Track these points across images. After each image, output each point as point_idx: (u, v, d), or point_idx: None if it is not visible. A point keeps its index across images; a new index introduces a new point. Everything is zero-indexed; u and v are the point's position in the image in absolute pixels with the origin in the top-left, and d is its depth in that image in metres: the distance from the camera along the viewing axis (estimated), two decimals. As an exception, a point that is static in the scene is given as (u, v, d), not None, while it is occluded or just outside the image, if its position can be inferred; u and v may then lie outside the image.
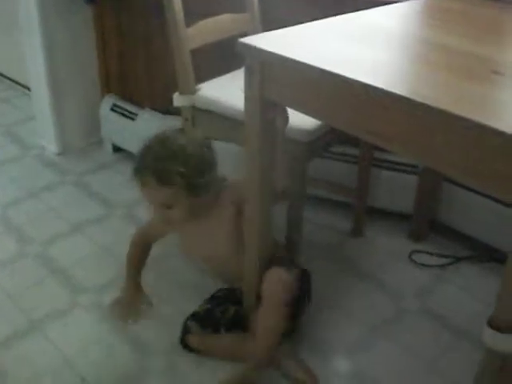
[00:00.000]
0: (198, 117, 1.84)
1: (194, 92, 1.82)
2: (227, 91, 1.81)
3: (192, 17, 1.82)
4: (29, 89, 3.13)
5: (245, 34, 1.95)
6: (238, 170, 1.58)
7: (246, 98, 1.35)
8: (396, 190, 2.11)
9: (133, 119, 2.51)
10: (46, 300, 1.84)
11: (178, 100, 1.84)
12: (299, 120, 1.50)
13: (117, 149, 2.68)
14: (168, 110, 2.35)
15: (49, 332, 1.71)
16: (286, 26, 1.39)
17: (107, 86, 2.70)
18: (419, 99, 0.99)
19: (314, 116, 1.35)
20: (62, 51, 2.54)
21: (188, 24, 1.80)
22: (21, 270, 1.97)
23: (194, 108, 1.83)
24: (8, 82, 3.55)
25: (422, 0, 1.71)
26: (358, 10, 1.54)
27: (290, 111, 1.37)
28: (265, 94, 1.31)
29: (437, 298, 1.86)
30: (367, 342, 1.70)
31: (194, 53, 1.83)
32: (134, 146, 2.52)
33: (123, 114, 2.55)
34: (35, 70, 2.60)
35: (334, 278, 1.94)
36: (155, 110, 2.48)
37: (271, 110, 1.36)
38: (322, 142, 1.71)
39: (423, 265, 2.00)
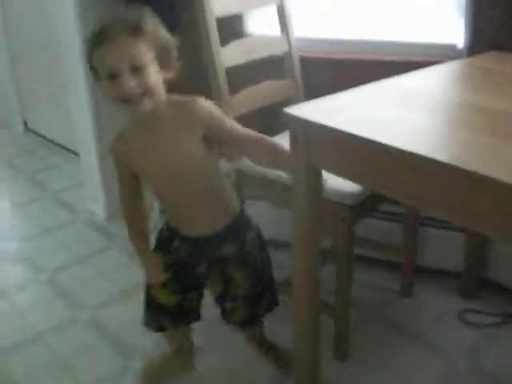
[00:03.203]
0: (244, 180, 1.88)
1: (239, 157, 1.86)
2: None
3: (235, 84, 1.88)
4: (78, 154, 3.24)
5: (287, 100, 2.03)
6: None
7: (293, 167, 1.38)
8: (444, 248, 2.10)
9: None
10: (97, 365, 1.86)
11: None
12: (345, 183, 1.51)
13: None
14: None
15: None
16: (326, 92, 1.43)
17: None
18: (462, 165, 0.99)
19: (357, 182, 1.37)
20: (110, 117, 2.62)
21: (231, 91, 1.86)
22: (72, 335, 2.01)
23: (239, 172, 1.87)
24: (57, 147, 3.68)
25: (461, 61, 1.73)
26: (397, 73, 1.57)
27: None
28: (310, 160, 1.34)
29: (489, 357, 1.82)
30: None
31: (238, 118, 1.88)
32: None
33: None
34: (84, 135, 2.70)
35: (383, 339, 1.91)
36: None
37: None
38: (368, 204, 1.72)
39: (474, 324, 1.96)
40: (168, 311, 1.64)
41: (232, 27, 2.14)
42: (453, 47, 1.89)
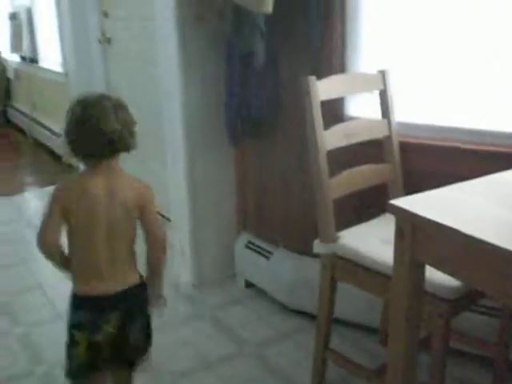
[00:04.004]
0: (337, 264, 1.86)
1: (334, 240, 1.85)
2: (368, 241, 1.83)
3: (334, 166, 1.89)
4: (167, 219, 3.31)
5: (385, 184, 2.02)
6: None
7: (396, 260, 1.35)
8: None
9: (267, 257, 2.57)
10: None
11: (318, 247, 1.88)
12: (445, 277, 1.47)
13: (249, 284, 2.73)
14: (304, 250, 2.38)
15: None
16: (425, 178, 1.41)
17: (243, 223, 2.80)
18: None
19: (461, 280, 1.33)
20: (204, 185, 2.69)
21: (330, 173, 1.87)
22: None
23: (333, 256, 1.85)
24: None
25: None
26: (501, 166, 1.55)
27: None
28: (413, 254, 1.31)
29: None
30: None
31: (336, 200, 1.88)
32: (267, 283, 2.58)
33: (258, 252, 2.62)
34: (177, 201, 2.77)
35: None
36: (290, 249, 2.52)
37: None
38: (468, 299, 1.66)
39: None
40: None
41: (333, 109, 2.17)
42: None
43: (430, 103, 2.09)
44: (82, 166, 1.70)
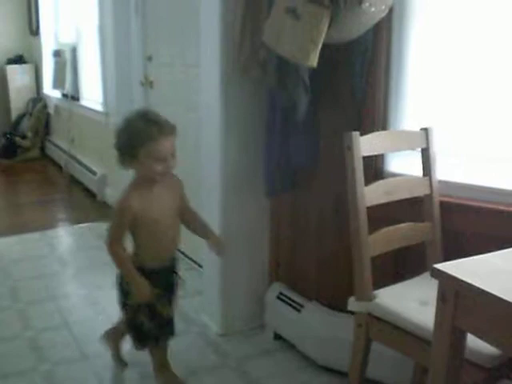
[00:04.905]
0: (372, 324, 1.82)
1: (370, 299, 1.82)
2: (404, 302, 1.79)
3: (373, 223, 1.87)
4: (199, 265, 3.30)
5: (424, 244, 1.99)
6: None
7: (437, 325, 1.33)
8: None
9: (299, 310, 2.52)
10: None
11: (353, 305, 1.84)
12: (483, 343, 1.43)
13: (278, 337, 2.68)
14: (336, 305, 2.34)
15: None
16: (464, 239, 1.37)
17: (276, 274, 2.77)
18: None
19: (504, 351, 1.29)
20: (237, 234, 2.67)
21: (369, 230, 1.84)
22: None
23: (369, 315, 1.81)
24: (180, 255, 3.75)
25: None
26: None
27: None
28: (455, 320, 1.28)
29: None
30: None
31: (374, 258, 1.85)
32: (297, 337, 2.54)
33: (289, 304, 2.58)
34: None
35: None
36: (323, 303, 2.48)
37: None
38: (506, 368, 1.61)
39: None
40: (167, 323, 2.25)
41: (374, 165, 2.16)
42: None
43: (473, 162, 2.07)
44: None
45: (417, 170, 2.07)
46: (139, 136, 1.97)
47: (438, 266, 1.29)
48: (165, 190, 2.11)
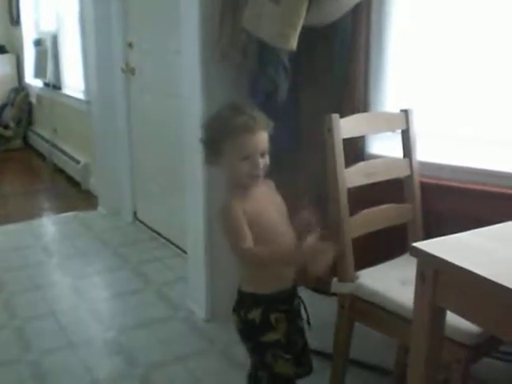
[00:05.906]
0: (355, 305, 1.83)
1: (352, 280, 1.83)
2: (387, 282, 1.80)
3: (354, 205, 1.88)
4: (183, 251, 3.30)
5: (405, 224, 2.00)
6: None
7: (416, 303, 1.34)
8: None
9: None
10: None
11: (336, 286, 1.86)
12: (464, 322, 1.44)
13: (263, 321, 2.69)
14: (320, 289, 2.35)
15: None
16: (444, 219, 1.38)
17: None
18: None
19: (484, 327, 1.31)
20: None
21: (350, 211, 1.85)
22: None
23: (352, 296, 1.83)
24: (163, 240, 3.76)
25: None
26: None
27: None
28: (435, 299, 1.29)
29: None
30: None
31: (355, 239, 1.86)
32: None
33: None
34: (195, 234, 2.75)
35: None
36: (308, 287, 2.48)
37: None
38: (488, 345, 1.63)
39: None
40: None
41: (354, 147, 2.16)
42: None
43: (453, 144, 2.08)
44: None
45: (397, 152, 2.08)
46: (227, 127, 1.65)
47: (417, 244, 1.30)
48: (265, 194, 1.77)
